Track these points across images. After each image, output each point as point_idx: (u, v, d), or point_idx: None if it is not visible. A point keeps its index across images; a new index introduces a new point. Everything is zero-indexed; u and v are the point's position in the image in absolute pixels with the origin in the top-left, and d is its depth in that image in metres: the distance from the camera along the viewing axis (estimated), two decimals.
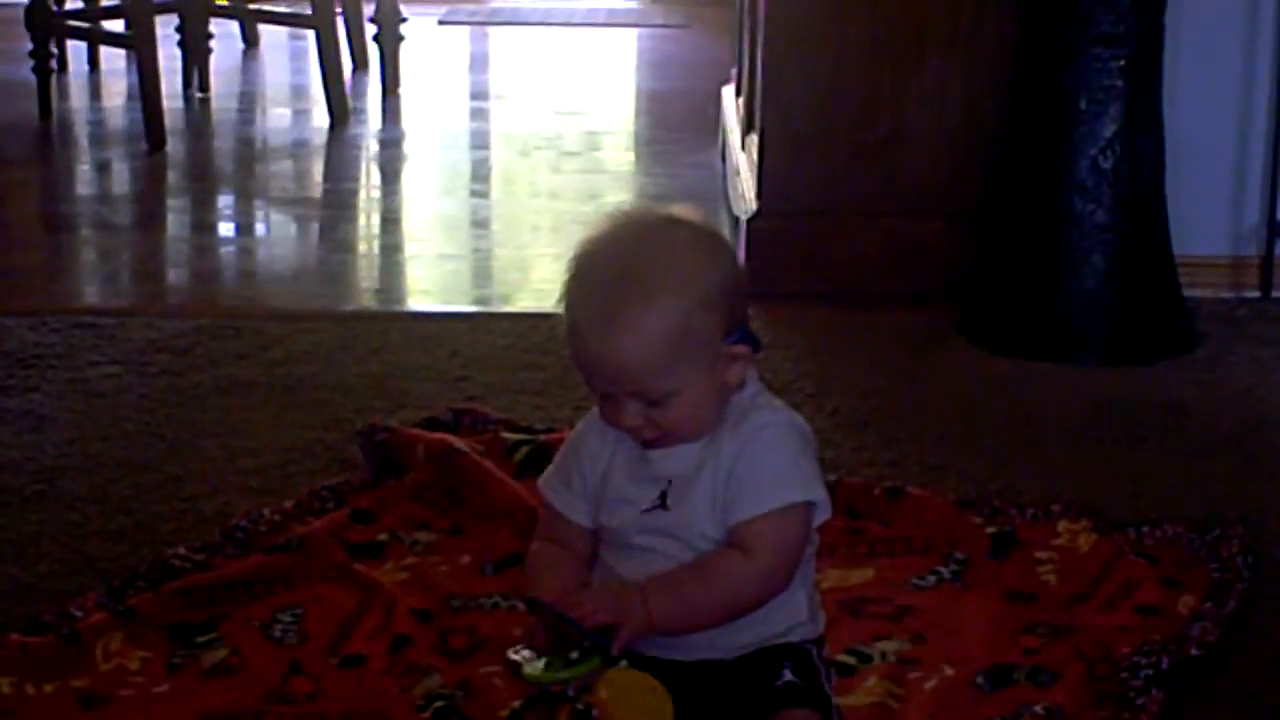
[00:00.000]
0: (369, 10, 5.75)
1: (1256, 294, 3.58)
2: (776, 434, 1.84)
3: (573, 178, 4.76)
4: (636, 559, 1.85)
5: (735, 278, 1.84)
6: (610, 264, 1.80)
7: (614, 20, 7.26)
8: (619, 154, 5.21)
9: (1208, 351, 3.27)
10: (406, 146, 5.09)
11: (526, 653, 1.79)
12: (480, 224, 4.30)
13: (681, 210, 1.87)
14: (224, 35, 6.02)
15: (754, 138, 3.73)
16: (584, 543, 1.91)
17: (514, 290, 3.85)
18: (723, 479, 1.82)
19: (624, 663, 1.76)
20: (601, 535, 1.90)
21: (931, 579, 2.34)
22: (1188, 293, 3.36)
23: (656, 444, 1.83)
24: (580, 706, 1.74)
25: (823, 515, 1.86)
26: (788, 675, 1.85)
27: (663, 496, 1.84)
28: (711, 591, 1.80)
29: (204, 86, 5.55)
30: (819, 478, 1.85)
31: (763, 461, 1.82)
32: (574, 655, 1.76)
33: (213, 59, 5.63)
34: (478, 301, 3.72)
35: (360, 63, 5.91)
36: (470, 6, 7.42)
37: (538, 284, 3.82)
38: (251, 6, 5.96)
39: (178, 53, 5.54)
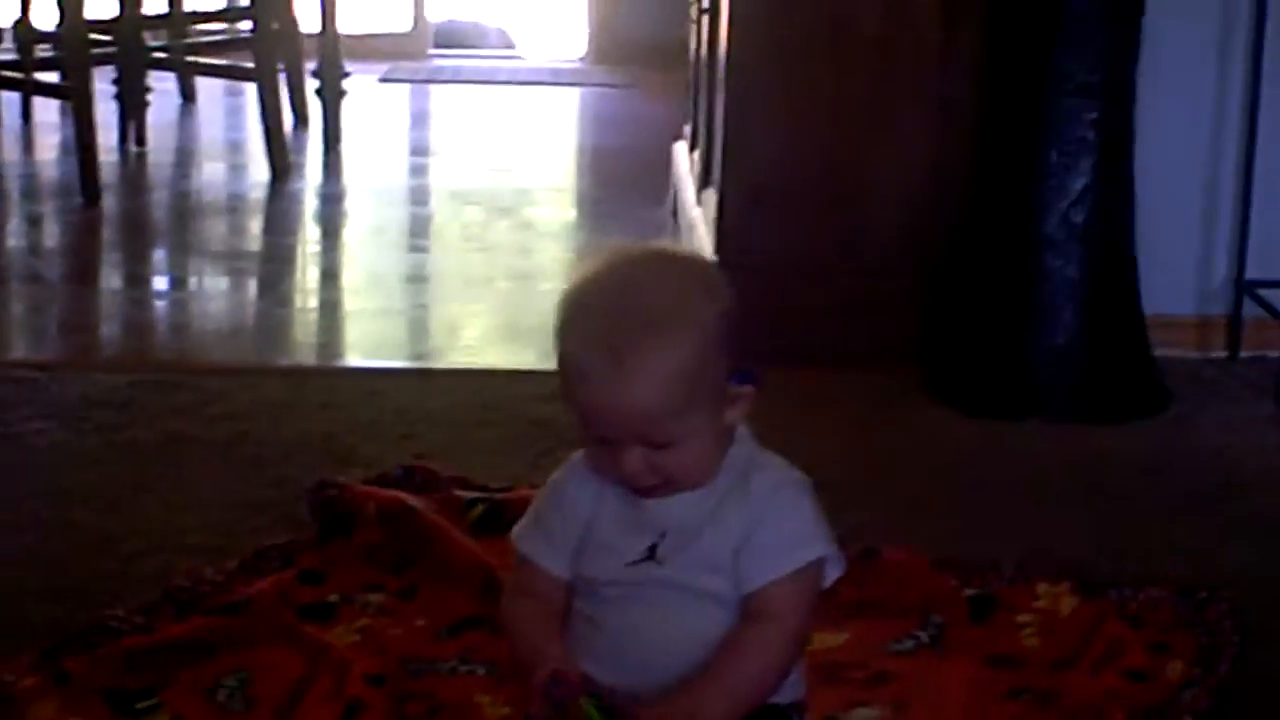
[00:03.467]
0: (311, 65, 5.66)
1: (1224, 354, 3.51)
2: (791, 494, 1.76)
3: (514, 234, 4.68)
4: (617, 610, 1.75)
5: (733, 314, 1.75)
6: (614, 302, 1.70)
7: (558, 79, 7.20)
8: (562, 210, 5.15)
9: (1179, 411, 3.20)
10: (347, 202, 4.99)
11: None
12: (420, 279, 4.21)
13: (671, 246, 1.79)
14: (161, 92, 5.92)
15: (711, 192, 3.65)
16: (559, 595, 1.81)
17: (453, 347, 3.75)
18: (733, 544, 1.73)
19: None
20: (576, 586, 1.79)
21: (909, 643, 2.25)
22: (1154, 352, 3.29)
23: (654, 492, 1.73)
24: None
25: (837, 571, 1.78)
26: None
27: (653, 549, 1.74)
28: (751, 677, 1.72)
29: (140, 140, 5.45)
30: (830, 533, 1.77)
31: (781, 524, 1.74)
32: None
33: (150, 113, 5.53)
34: (415, 357, 3.63)
35: (301, 118, 5.82)
36: (412, 64, 7.35)
37: (476, 341, 3.76)
38: (191, 59, 5.84)
39: (114, 106, 5.43)
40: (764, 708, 1.77)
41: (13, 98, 5.70)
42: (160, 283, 4.22)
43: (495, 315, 3.94)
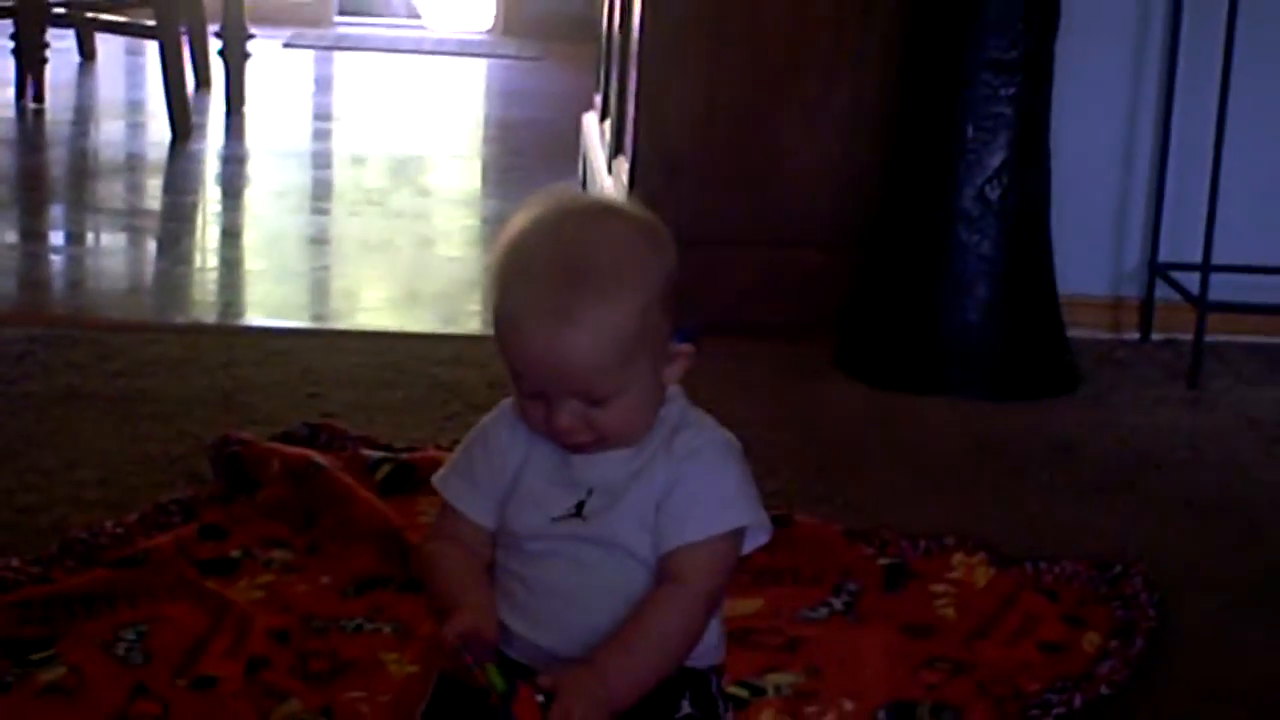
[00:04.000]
0: (214, 27, 5.57)
1: (1136, 335, 3.51)
2: (716, 456, 1.70)
3: (418, 200, 4.63)
4: (541, 566, 1.70)
5: (678, 271, 1.70)
6: (557, 254, 1.64)
7: (465, 50, 7.13)
8: (468, 177, 5.10)
9: (1091, 390, 3.19)
10: (249, 164, 4.91)
11: None
12: (322, 242, 4.15)
13: (614, 198, 1.73)
14: (59, 51, 5.81)
15: (623, 160, 3.60)
16: (484, 546, 1.75)
17: (354, 309, 3.70)
18: (656, 499, 1.68)
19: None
20: (499, 539, 1.74)
21: (823, 610, 2.22)
22: (1066, 332, 3.27)
23: (585, 449, 1.69)
24: None
25: (762, 538, 1.74)
26: (685, 708, 1.71)
27: (579, 506, 1.69)
28: (666, 641, 1.66)
29: (39, 97, 5.34)
30: (758, 500, 1.72)
31: (702, 486, 1.68)
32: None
33: (48, 71, 5.42)
34: (316, 319, 3.58)
35: (203, 80, 5.73)
36: (316, 31, 7.26)
37: (378, 304, 3.72)
38: (91, 15, 5.73)
39: (11, 62, 5.32)
40: (683, 671, 1.73)
41: None
42: (57, 239, 4.13)
43: (397, 280, 3.88)
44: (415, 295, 3.77)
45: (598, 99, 4.39)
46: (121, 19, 5.61)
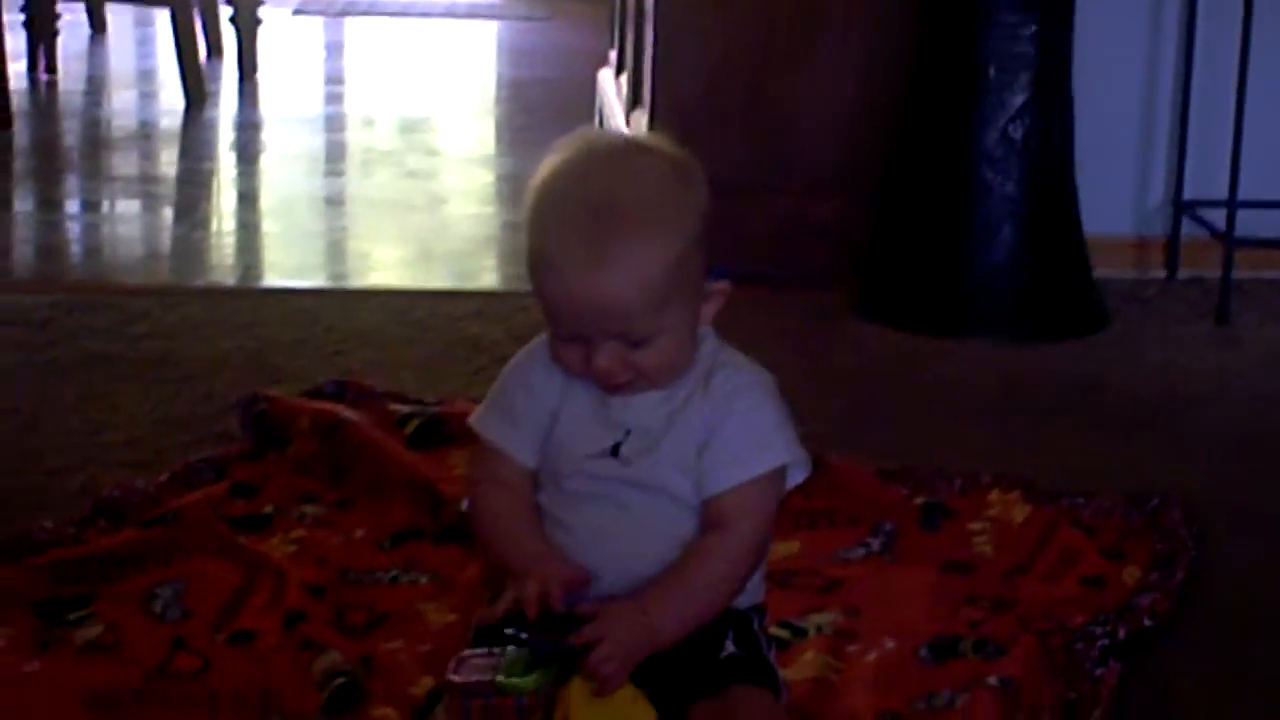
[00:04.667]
0: None
1: (1162, 274, 3.49)
2: (756, 396, 1.70)
3: (432, 160, 4.62)
4: (581, 506, 1.69)
5: (711, 208, 1.68)
6: (593, 194, 1.62)
7: (475, 12, 7.11)
8: (482, 136, 5.08)
9: (1118, 330, 3.17)
10: (263, 130, 4.89)
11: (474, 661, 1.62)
12: (337, 204, 4.14)
13: (644, 136, 1.71)
14: (70, 24, 5.79)
15: (640, 113, 3.59)
16: (525, 483, 1.74)
17: (372, 269, 3.69)
18: (697, 443, 1.67)
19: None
20: (538, 480, 1.73)
21: (860, 551, 2.21)
22: (1092, 272, 3.26)
23: (623, 389, 1.67)
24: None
25: (800, 475, 1.73)
26: (730, 647, 1.70)
27: (616, 447, 1.68)
28: (711, 583, 1.66)
29: (51, 68, 5.33)
30: (795, 436, 1.71)
31: (742, 429, 1.68)
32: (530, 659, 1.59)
33: (59, 43, 5.40)
34: (335, 279, 3.57)
35: (215, 48, 5.72)
36: None
37: (395, 263, 3.70)
38: None
39: (23, 34, 5.31)
40: (725, 612, 1.72)
41: None
42: (74, 208, 4.12)
43: (414, 239, 3.87)
44: (432, 253, 3.76)
45: (613, 54, 4.37)
46: None
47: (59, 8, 5.40)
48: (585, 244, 1.60)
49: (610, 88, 4.29)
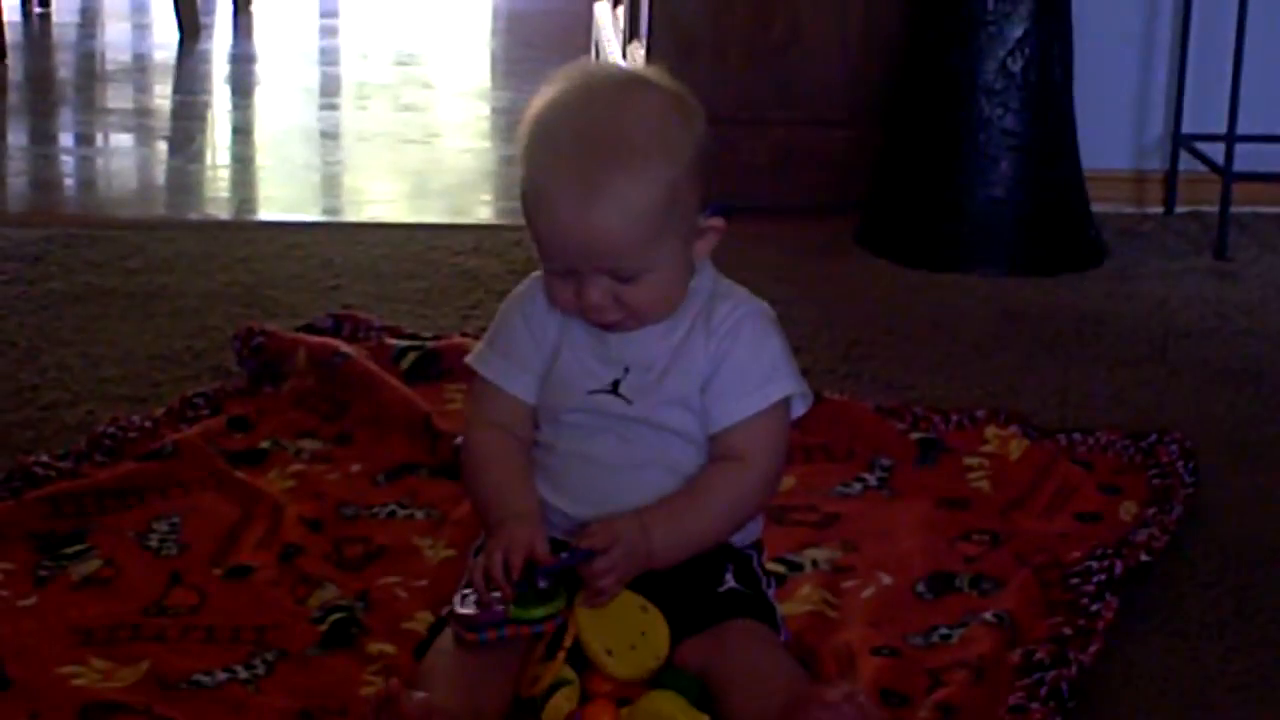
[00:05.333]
0: None
1: (1160, 209, 3.48)
2: (758, 328, 1.70)
3: (427, 94, 4.59)
4: (582, 441, 1.69)
5: (708, 143, 1.67)
6: (586, 127, 1.62)
7: None
8: (478, 70, 5.05)
9: (1116, 264, 3.16)
10: (257, 63, 4.86)
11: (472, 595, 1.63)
12: (332, 137, 4.12)
13: (646, 70, 1.71)
14: None
15: (638, 45, 3.57)
16: (525, 422, 1.74)
17: (367, 202, 3.66)
18: (700, 377, 1.68)
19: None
20: (539, 414, 1.73)
21: (857, 486, 2.21)
22: (1090, 206, 3.25)
23: (616, 326, 1.67)
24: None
25: (802, 407, 1.74)
26: (730, 581, 1.71)
27: (615, 384, 1.68)
28: (715, 511, 1.68)
29: (45, 1, 5.28)
30: (797, 368, 1.73)
31: (745, 363, 1.69)
32: (542, 585, 1.61)
33: None
34: (330, 212, 3.56)
35: None
36: None
37: (391, 197, 3.68)
38: None
39: None
40: (723, 548, 1.72)
41: None
42: (68, 141, 4.10)
43: (410, 173, 3.85)
44: (428, 187, 3.74)
45: None
46: None
47: None
48: (575, 175, 1.59)
49: (607, 19, 4.27)
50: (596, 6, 4.52)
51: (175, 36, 4.99)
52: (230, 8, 5.46)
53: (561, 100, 1.65)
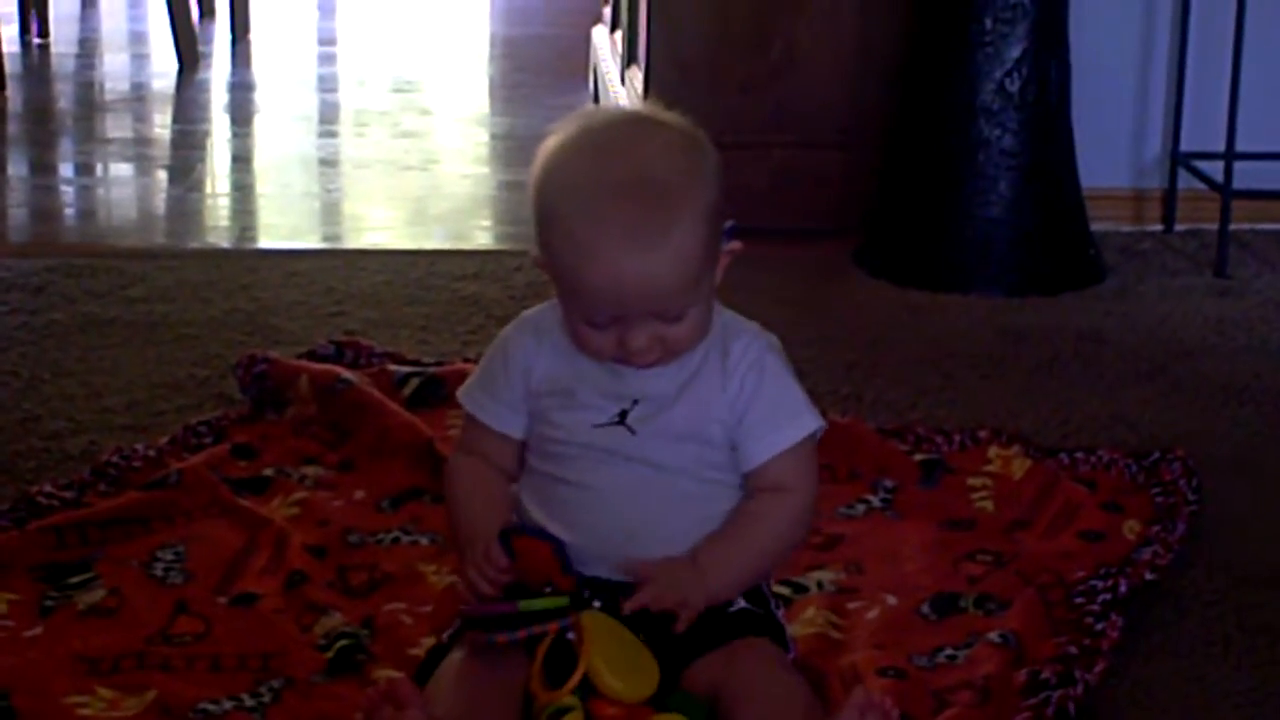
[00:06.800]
0: None
1: (1159, 227, 3.48)
2: (775, 363, 1.72)
3: (425, 120, 4.59)
4: (586, 473, 1.69)
5: (721, 166, 1.69)
6: (623, 175, 1.61)
7: None
8: (476, 96, 5.06)
9: (1116, 283, 3.16)
10: (256, 91, 4.87)
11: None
12: (331, 164, 4.12)
13: (644, 108, 1.72)
14: None
15: (636, 70, 3.57)
16: (510, 457, 1.77)
17: (367, 229, 3.66)
18: (710, 412, 1.69)
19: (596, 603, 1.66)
20: (542, 448, 1.73)
21: (860, 508, 2.21)
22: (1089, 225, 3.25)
23: (654, 364, 1.67)
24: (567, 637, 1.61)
25: (820, 432, 1.77)
26: (740, 602, 1.71)
27: (623, 414, 1.69)
28: (765, 543, 1.70)
29: (43, 32, 5.31)
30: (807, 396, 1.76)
31: (777, 396, 1.71)
32: (547, 590, 1.64)
33: (51, 6, 5.38)
34: (330, 240, 3.57)
35: (207, 10, 5.70)
36: None
37: (390, 224, 3.69)
38: None
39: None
40: None
41: None
42: (68, 171, 4.10)
43: (409, 199, 3.85)
44: (428, 213, 3.74)
45: (607, 11, 4.36)
46: None
47: None
48: (627, 225, 1.58)
49: (605, 44, 4.28)
50: (594, 31, 4.53)
51: (174, 66, 5.00)
52: (228, 37, 5.47)
53: (581, 149, 1.64)
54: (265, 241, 3.50)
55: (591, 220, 1.60)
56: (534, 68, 5.20)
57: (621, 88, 3.79)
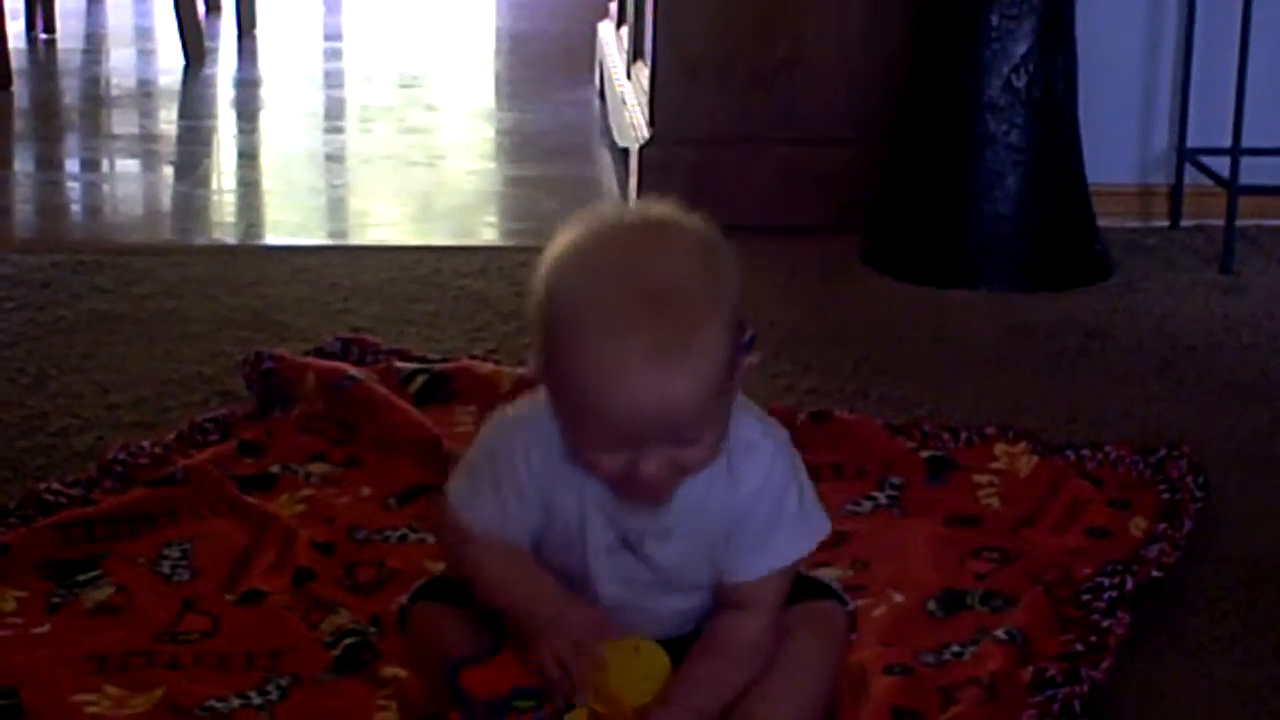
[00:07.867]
0: None
1: (1165, 223, 3.48)
2: (779, 482, 1.63)
3: (431, 116, 4.59)
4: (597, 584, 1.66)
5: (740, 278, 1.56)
6: (639, 291, 1.48)
7: None
8: (481, 91, 5.06)
9: (1123, 279, 3.16)
10: (262, 87, 4.87)
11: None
12: (338, 160, 4.12)
13: (663, 209, 1.55)
14: None
15: (642, 65, 3.57)
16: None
17: (372, 225, 3.66)
18: (715, 535, 1.63)
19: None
20: (543, 556, 1.68)
21: (867, 505, 2.21)
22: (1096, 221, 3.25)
23: (667, 493, 1.57)
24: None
25: (823, 533, 1.70)
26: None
27: (624, 539, 1.63)
28: (739, 666, 1.63)
29: (49, 28, 5.30)
30: (816, 499, 1.68)
31: (771, 522, 1.63)
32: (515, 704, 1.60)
33: (57, 2, 5.38)
34: (336, 236, 3.58)
35: (213, 6, 5.71)
36: None
37: (396, 220, 3.68)
38: None
39: None
40: None
41: None
42: (74, 167, 4.10)
43: (415, 195, 3.85)
44: (433, 209, 3.74)
45: (613, 6, 4.36)
46: None
47: None
48: (646, 352, 1.46)
49: (611, 40, 4.28)
50: (600, 27, 4.53)
51: (180, 62, 5.00)
52: (234, 32, 5.47)
53: (593, 256, 1.52)
54: (271, 237, 3.50)
55: (600, 343, 1.47)
56: (540, 63, 5.20)
57: (627, 83, 3.79)
